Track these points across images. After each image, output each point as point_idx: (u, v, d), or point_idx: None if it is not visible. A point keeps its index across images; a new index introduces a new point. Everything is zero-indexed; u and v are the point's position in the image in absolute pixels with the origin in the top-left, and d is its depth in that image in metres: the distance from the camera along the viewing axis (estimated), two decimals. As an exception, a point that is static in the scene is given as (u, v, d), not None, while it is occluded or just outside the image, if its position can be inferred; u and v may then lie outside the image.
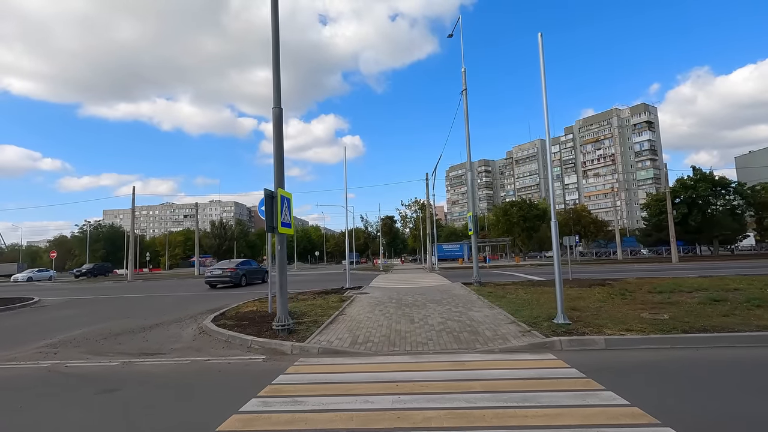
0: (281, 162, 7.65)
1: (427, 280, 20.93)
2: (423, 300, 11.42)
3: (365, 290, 14.91)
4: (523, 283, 15.03)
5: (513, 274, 23.09)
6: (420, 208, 48.37)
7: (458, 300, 11.17)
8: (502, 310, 8.90)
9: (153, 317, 10.56)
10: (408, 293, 13.41)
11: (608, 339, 6.02)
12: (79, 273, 46.54)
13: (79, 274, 46.21)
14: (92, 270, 47.39)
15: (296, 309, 10.06)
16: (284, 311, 7.33)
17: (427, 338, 6.69)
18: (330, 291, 14.54)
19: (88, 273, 46.23)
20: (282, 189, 7.55)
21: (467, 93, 15.69)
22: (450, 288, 14.70)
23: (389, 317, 8.73)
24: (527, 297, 10.87)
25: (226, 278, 20.44)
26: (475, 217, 15.03)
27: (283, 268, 7.52)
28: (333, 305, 10.64)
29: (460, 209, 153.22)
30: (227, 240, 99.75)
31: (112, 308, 13.26)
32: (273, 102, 7.77)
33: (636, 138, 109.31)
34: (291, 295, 13.45)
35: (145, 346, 7.12)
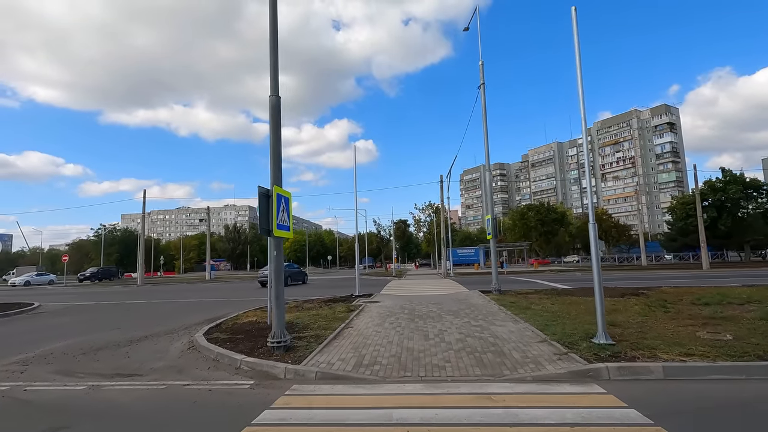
0: (278, 156, 6.79)
1: (441, 287, 19.87)
2: (438, 311, 10.40)
3: (376, 298, 13.96)
4: (547, 291, 13.88)
5: (534, 281, 21.84)
6: (434, 212, 47.28)
7: (477, 311, 10.12)
8: (528, 325, 7.83)
9: (146, 327, 9.80)
10: (421, 302, 12.41)
11: (667, 367, 4.93)
12: (83, 277, 44.67)
13: (83, 278, 44.42)
14: (96, 274, 45.68)
15: (299, 320, 9.18)
16: (280, 325, 6.43)
17: (444, 360, 5.70)
18: (338, 299, 13.63)
19: (92, 277, 44.71)
20: (279, 187, 6.68)
21: (485, 88, 14.69)
22: (467, 297, 13.63)
23: (400, 332, 7.75)
24: (555, 309, 9.76)
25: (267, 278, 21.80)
26: (494, 220, 13.97)
27: (280, 276, 6.63)
28: (339, 316, 9.72)
29: (474, 213, 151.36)
30: (241, 244, 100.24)
31: (108, 316, 12.60)
32: (270, 89, 6.93)
33: (657, 140, 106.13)
34: (296, 304, 12.61)
35: (123, 364, 6.30)
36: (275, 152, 6.75)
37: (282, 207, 6.72)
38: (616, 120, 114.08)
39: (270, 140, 6.80)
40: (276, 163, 6.74)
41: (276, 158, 6.75)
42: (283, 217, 6.76)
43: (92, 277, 44.45)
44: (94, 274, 45.35)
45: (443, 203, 30.87)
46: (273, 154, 6.75)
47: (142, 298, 18.69)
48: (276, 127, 6.81)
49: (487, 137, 14.32)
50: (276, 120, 6.84)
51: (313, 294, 17.63)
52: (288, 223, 6.95)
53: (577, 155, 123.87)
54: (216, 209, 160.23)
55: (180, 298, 17.91)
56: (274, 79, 6.97)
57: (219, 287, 27.21)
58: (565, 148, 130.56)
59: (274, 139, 6.78)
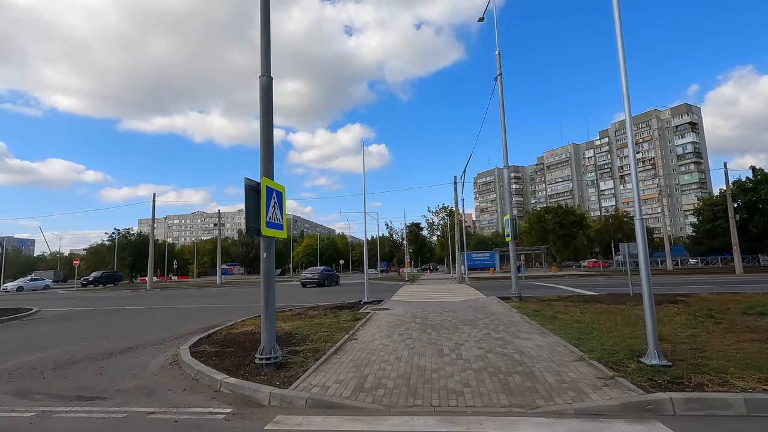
0: (269, 144, 5.93)
1: (456, 292, 18.80)
2: (453, 320, 9.39)
3: (385, 305, 13.00)
4: (573, 298, 12.73)
5: (555, 287, 20.58)
6: (448, 215, 46.15)
7: (497, 321, 9.08)
8: (559, 338, 6.79)
9: (136, 336, 9.05)
10: (435, 310, 11.40)
11: (750, 399, 3.87)
12: (86, 282, 43.51)
13: (86, 282, 43.23)
14: (100, 278, 44.19)
15: (298, 330, 8.29)
16: (270, 339, 5.54)
17: (462, 383, 4.72)
18: (345, 306, 12.72)
19: (95, 281, 43.41)
20: (270, 179, 5.82)
21: (502, 79, 13.69)
22: (485, 304, 12.56)
23: (411, 345, 6.78)
24: (586, 319, 8.66)
25: (314, 280, 27.41)
26: (513, 221, 12.90)
27: (270, 281, 5.75)
28: (344, 325, 8.79)
29: (489, 217, 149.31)
30: (254, 248, 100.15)
31: (102, 323, 11.92)
32: (261, 69, 6.08)
33: (678, 140, 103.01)
34: (300, 311, 11.75)
35: (91, 383, 5.49)
36: (266, 139, 5.90)
37: (273, 202, 5.85)
38: (635, 120, 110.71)
39: (260, 125, 5.95)
40: (266, 152, 5.88)
41: (266, 146, 5.89)
42: (275, 214, 5.89)
43: (95, 282, 43.44)
44: (98, 278, 44.23)
45: (457, 205, 29.79)
46: (263, 141, 5.89)
47: (145, 304, 18.09)
48: (267, 111, 5.96)
49: (504, 132, 13.30)
50: (267, 103, 5.98)
51: (321, 299, 16.77)
52: (281, 221, 6.08)
53: (594, 156, 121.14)
54: (230, 214, 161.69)
55: (183, 304, 17.24)
56: (266, 57, 6.12)
57: (227, 292, 26.61)
58: (581, 150, 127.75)
59: (265, 125, 5.92)
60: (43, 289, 39.08)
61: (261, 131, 5.92)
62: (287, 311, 11.76)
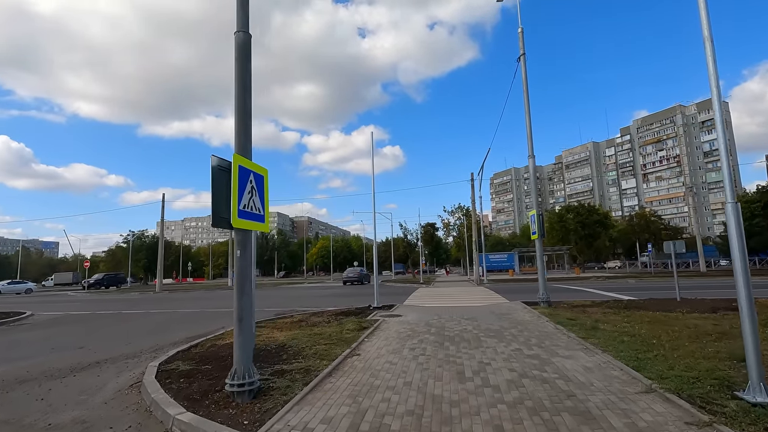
0: (246, 114, 4.76)
1: (475, 296, 17.41)
2: (475, 330, 8.07)
3: (397, 311, 11.73)
4: (609, 304, 11.24)
5: (583, 290, 18.96)
6: (464, 215, 44.61)
7: (528, 332, 7.72)
8: (610, 358, 5.42)
9: (112, 347, 8.02)
10: (453, 317, 10.09)
11: None
12: (88, 284, 41.73)
13: (88, 285, 41.49)
14: (102, 281, 42.54)
15: (294, 342, 7.12)
16: (245, 360, 4.36)
17: (492, 425, 3.44)
18: (352, 311, 11.50)
19: (96, 284, 41.69)
20: (247, 159, 4.66)
21: (526, 59, 12.31)
22: (509, 310, 11.17)
23: (424, 365, 5.51)
24: (636, 330, 7.23)
25: (355, 278, 32.90)
26: (540, 216, 11.50)
27: (244, 286, 4.57)
28: (347, 336, 7.58)
29: (505, 218, 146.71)
30: (269, 250, 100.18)
31: (86, 330, 10.98)
32: (236, 24, 4.94)
33: (705, 137, 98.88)
34: (301, 317, 10.60)
35: (23, 411, 4.40)
36: (242, 107, 4.73)
37: (250, 187, 4.68)
38: (659, 117, 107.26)
39: (235, 91, 4.78)
40: (242, 124, 4.71)
41: (242, 116, 4.72)
42: (253, 202, 4.71)
43: (97, 284, 41.93)
44: (99, 281, 42.74)
45: (474, 203, 28.26)
46: (239, 110, 4.73)
47: (145, 307, 17.21)
48: (243, 73, 4.80)
49: (529, 117, 11.92)
50: (244, 63, 4.83)
51: (329, 304, 15.62)
52: (261, 211, 4.90)
53: (615, 155, 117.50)
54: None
55: (184, 308, 16.30)
56: (242, 10, 5.00)
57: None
58: (602, 149, 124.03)
59: (241, 89, 4.76)
60: (24, 292, 37.12)
61: (236, 98, 4.76)
62: (287, 318, 10.62)
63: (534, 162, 11.97)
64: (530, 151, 11.95)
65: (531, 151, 11.92)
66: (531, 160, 11.96)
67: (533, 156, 11.93)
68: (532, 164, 11.96)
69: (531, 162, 11.95)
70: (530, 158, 11.95)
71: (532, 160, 11.95)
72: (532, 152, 11.91)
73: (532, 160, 11.95)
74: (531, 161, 11.96)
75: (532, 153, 11.92)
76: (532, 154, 11.93)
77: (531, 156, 11.93)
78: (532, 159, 11.95)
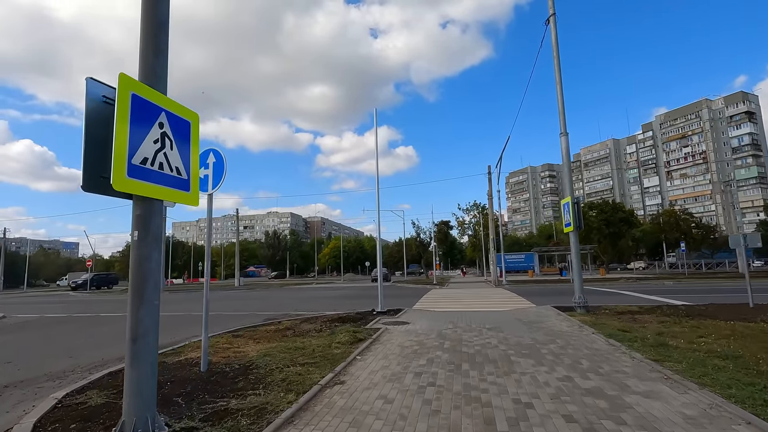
0: (160, 22, 3.08)
1: (495, 299, 15.51)
2: (502, 345, 6.26)
3: (405, 316, 9.96)
4: (663, 310, 9.27)
5: (620, 293, 16.85)
6: (480, 212, 42.54)
7: (573, 348, 5.87)
8: (717, 398, 3.58)
9: (48, 362, 6.48)
10: (472, 326, 8.28)
11: None
12: (75, 284, 38.64)
13: (75, 285, 38.45)
14: (92, 281, 38.40)
15: (264, 360, 5.45)
16: (142, 406, 2.69)
17: None
18: (352, 317, 9.78)
19: (83, 285, 37.89)
20: (153, 89, 2.98)
21: (557, 20, 10.43)
22: (540, 317, 9.30)
23: (434, 404, 3.75)
24: (721, 348, 5.32)
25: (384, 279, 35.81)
26: (576, 205, 9.62)
27: (144, 290, 2.90)
28: (335, 352, 5.86)
29: (522, 217, 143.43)
30: (281, 250, 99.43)
31: (41, 337, 9.52)
32: None
33: (733, 132, 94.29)
34: (290, 323, 8.94)
35: None
36: (151, 11, 3.05)
37: (159, 134, 3.00)
38: (683, 111, 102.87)
39: (138, -10, 3.10)
40: (151, 36, 3.03)
41: (152, 25, 3.04)
42: (165, 158, 3.03)
43: (84, 285, 37.89)
44: (88, 281, 38.62)
45: (492, 198, 26.21)
46: (148, 14, 3.05)
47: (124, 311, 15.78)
48: (150, -39, 3.11)
49: (561, 88, 10.04)
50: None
51: (330, 307, 13.95)
52: (184, 175, 3.22)
53: (637, 152, 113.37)
54: (259, 216, 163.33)
55: (171, 311, 14.83)
56: None
57: (237, 296, 24.29)
58: (622, 146, 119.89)
59: (146, -14, 3.07)
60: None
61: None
62: (274, 324, 8.95)
63: (567, 141, 10.07)
64: (563, 128, 10.06)
65: (563, 127, 10.04)
66: (563, 139, 10.06)
67: (566, 133, 10.04)
68: (564, 143, 10.06)
69: (563, 141, 10.05)
70: (562, 136, 10.06)
71: (565, 138, 10.05)
72: (564, 128, 10.03)
73: (565, 138, 10.06)
74: (563, 140, 10.07)
75: (564, 130, 10.03)
76: (565, 131, 10.04)
77: (563, 133, 10.04)
78: (565, 137, 10.06)
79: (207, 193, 5.27)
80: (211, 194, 5.29)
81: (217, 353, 6.07)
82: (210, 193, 5.26)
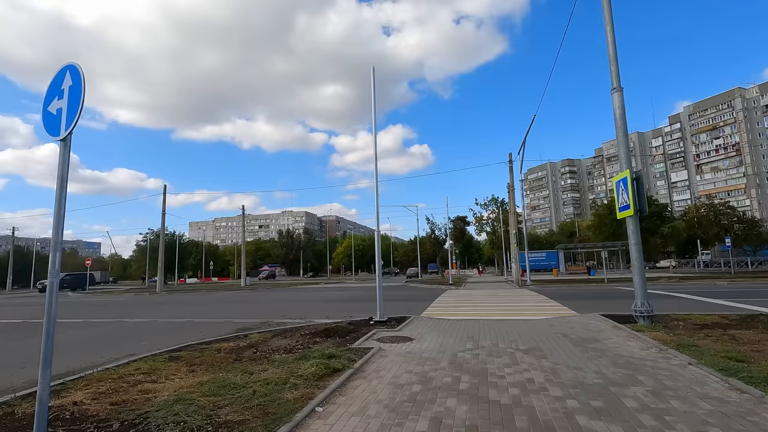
0: None
1: (523, 303, 13.11)
2: (551, 385, 3.96)
3: (408, 328, 7.71)
4: (761, 320, 6.81)
5: (674, 296, 14.19)
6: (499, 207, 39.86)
7: (679, 399, 3.54)
8: None
9: None
10: (499, 345, 5.99)
11: None
12: (43, 286, 36.71)
13: (42, 287, 36.50)
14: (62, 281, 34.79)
15: (178, 406, 3.32)
16: None
17: None
18: (341, 329, 7.57)
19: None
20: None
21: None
22: (591, 331, 6.92)
23: None
24: None
25: (414, 274, 42.09)
26: (636, 181, 7.22)
27: None
28: (282, 401, 3.67)
29: (541, 215, 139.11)
30: (294, 249, 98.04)
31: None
32: None
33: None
34: (259, 338, 6.86)
35: None
36: None
37: None
38: (714, 101, 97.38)
39: None
40: None
41: None
42: None
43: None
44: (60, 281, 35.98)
45: (513, 190, 23.60)
46: None
47: (106, 315, 13.97)
48: None
49: (611, 29, 7.63)
50: None
51: (325, 312, 11.84)
52: None
53: (663, 145, 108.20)
54: (274, 216, 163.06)
55: (146, 317, 12.95)
56: None
57: (234, 298, 22.44)
58: (647, 139, 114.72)
59: None
60: None
61: None
62: (234, 340, 6.83)
63: (621, 97, 7.65)
64: (615, 81, 7.66)
65: (616, 80, 7.63)
66: (616, 95, 7.65)
67: (620, 88, 7.63)
68: (618, 100, 7.64)
69: (617, 98, 7.63)
70: (615, 92, 7.65)
71: (619, 95, 7.64)
72: (617, 82, 7.63)
73: (619, 94, 7.64)
74: (617, 96, 7.65)
75: (617, 83, 7.63)
76: (618, 85, 7.64)
77: (616, 88, 7.64)
78: (619, 93, 7.64)
79: (60, 139, 3.17)
80: (66, 139, 3.18)
81: (111, 394, 3.97)
82: (63, 138, 3.16)
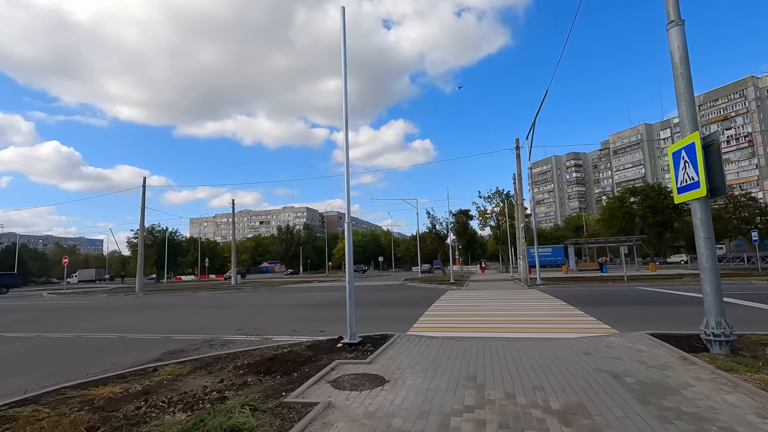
0: None
1: (539, 312, 10.88)
2: None
3: (384, 358, 5.59)
4: None
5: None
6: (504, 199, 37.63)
7: None
8: None
9: None
10: (515, 400, 3.86)
11: None
12: None
13: None
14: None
15: None
16: None
17: None
18: (291, 359, 5.43)
19: None
20: None
21: None
22: (653, 371, 4.78)
23: None
24: None
25: (426, 270, 45.33)
26: (708, 149, 5.06)
27: None
28: None
29: (546, 209, 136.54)
30: (294, 245, 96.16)
31: None
32: None
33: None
34: (169, 375, 4.70)
35: None
36: None
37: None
38: (725, 91, 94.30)
39: None
40: None
41: None
42: None
43: None
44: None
45: (521, 179, 21.36)
46: None
47: (17, 328, 11.93)
48: None
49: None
50: None
51: (292, 324, 9.71)
52: None
53: (672, 137, 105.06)
54: (275, 212, 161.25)
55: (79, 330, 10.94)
56: None
57: (206, 300, 20.41)
58: (655, 131, 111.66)
59: None
60: None
61: None
62: (127, 379, 4.72)
63: (682, 33, 5.46)
64: (672, 13, 5.45)
65: (674, 11, 5.44)
66: (675, 31, 5.45)
67: (680, 21, 5.43)
68: (677, 36, 5.44)
69: (675, 34, 5.43)
70: (672, 26, 5.43)
71: (678, 30, 5.44)
72: (676, 13, 5.42)
73: (678, 30, 5.44)
74: (675, 32, 5.44)
75: (676, 15, 5.43)
76: (678, 18, 5.43)
77: (674, 22, 5.41)
78: (678, 28, 5.44)
79: None
80: None
81: None
82: None
